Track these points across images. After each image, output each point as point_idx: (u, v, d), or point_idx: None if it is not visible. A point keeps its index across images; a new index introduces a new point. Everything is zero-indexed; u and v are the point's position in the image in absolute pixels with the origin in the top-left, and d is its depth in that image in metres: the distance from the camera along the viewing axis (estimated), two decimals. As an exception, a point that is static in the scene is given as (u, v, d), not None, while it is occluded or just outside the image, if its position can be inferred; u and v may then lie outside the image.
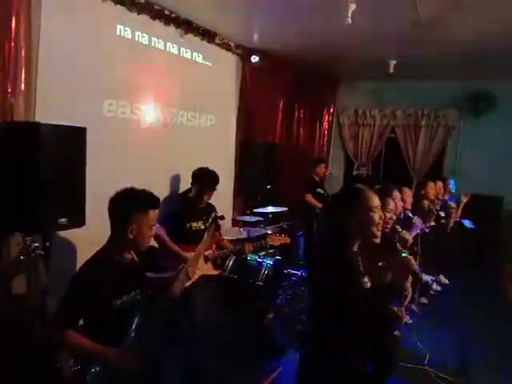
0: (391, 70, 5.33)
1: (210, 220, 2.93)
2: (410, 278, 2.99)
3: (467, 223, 5.44)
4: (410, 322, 4.19)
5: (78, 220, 2.56)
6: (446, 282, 5.65)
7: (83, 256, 1.99)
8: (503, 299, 5.14)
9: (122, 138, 3.68)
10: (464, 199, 5.36)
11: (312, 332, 1.94)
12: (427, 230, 4.03)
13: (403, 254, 1.80)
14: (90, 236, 2.47)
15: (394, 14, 3.62)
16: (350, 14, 3.31)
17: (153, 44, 3.88)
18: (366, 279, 1.85)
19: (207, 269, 3.10)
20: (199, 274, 2.91)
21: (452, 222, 5.24)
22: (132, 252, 1.93)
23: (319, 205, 5.37)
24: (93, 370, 1.69)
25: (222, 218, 3.10)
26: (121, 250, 1.86)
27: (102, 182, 3.29)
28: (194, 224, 3.20)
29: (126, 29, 3.57)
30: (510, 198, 6.30)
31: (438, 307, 4.82)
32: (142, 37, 3.75)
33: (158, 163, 4.04)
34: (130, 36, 3.62)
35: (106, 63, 3.42)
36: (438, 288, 5.46)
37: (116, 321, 1.77)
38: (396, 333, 3.86)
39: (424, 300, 4.89)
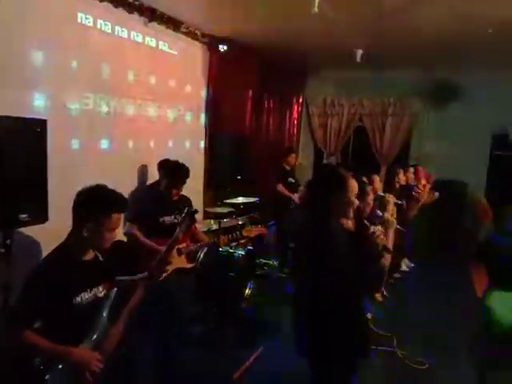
0: (358, 59, 5.38)
1: (184, 214, 2.87)
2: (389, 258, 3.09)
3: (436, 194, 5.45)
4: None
5: (41, 216, 2.47)
6: (411, 265, 5.85)
7: (47, 253, 1.92)
8: (465, 282, 5.37)
9: (86, 130, 3.56)
10: (425, 177, 5.51)
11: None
12: (400, 202, 4.11)
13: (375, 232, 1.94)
14: (54, 232, 2.38)
15: (358, 2, 3.64)
16: (316, 3, 3.32)
17: (116, 32, 3.75)
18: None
19: (181, 262, 3.06)
20: (172, 268, 2.87)
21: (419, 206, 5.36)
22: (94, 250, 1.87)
23: (290, 194, 5.41)
24: (54, 370, 1.64)
25: (196, 212, 3.05)
26: (80, 247, 1.80)
27: (66, 176, 3.21)
28: (167, 218, 3.13)
29: (88, 16, 3.44)
30: (473, 184, 6.55)
31: (404, 290, 4.99)
32: (105, 25, 3.62)
33: (124, 156, 3.95)
34: (91, 24, 3.49)
35: (67, 52, 3.29)
36: (406, 269, 5.66)
37: (77, 319, 1.72)
38: (368, 315, 3.99)
39: (390, 280, 5.04)
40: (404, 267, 5.64)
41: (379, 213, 3.05)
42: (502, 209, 3.25)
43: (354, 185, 2.00)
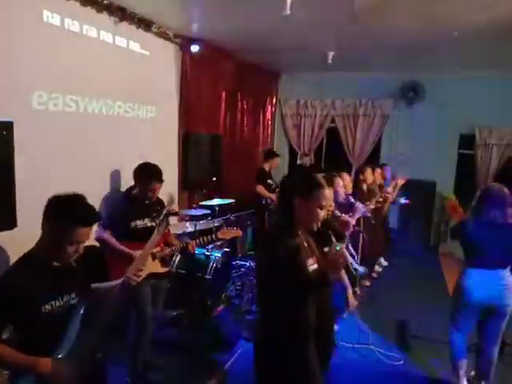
0: (330, 61, 5.46)
1: (162, 216, 2.79)
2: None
3: (401, 200, 5.72)
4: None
5: (8, 222, 2.38)
6: (386, 263, 5.97)
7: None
8: (438, 279, 5.54)
9: (55, 132, 3.46)
10: (400, 182, 5.64)
11: (262, 314, 2.01)
12: (369, 214, 4.20)
13: (337, 247, 1.82)
14: (23, 239, 2.29)
15: (330, 5, 3.68)
16: (288, 5, 3.35)
17: (85, 32, 3.66)
18: (311, 261, 1.92)
19: (155, 267, 3.00)
20: (146, 273, 2.81)
21: (388, 207, 5.50)
22: None
23: (270, 195, 5.43)
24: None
25: (176, 213, 2.99)
26: (49, 253, 1.73)
27: (35, 180, 3.11)
28: (139, 222, 3.05)
29: (54, 15, 3.34)
30: (442, 182, 6.76)
31: (379, 288, 5.08)
32: (73, 24, 3.52)
33: (96, 159, 3.85)
34: (58, 23, 3.39)
35: (33, 52, 3.18)
36: (380, 269, 5.77)
37: (47, 328, 1.65)
38: (335, 327, 4.02)
39: (367, 283, 5.13)
40: (378, 267, 5.74)
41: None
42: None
43: (326, 198, 1.89)
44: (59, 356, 1.66)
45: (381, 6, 3.61)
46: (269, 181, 5.60)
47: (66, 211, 1.67)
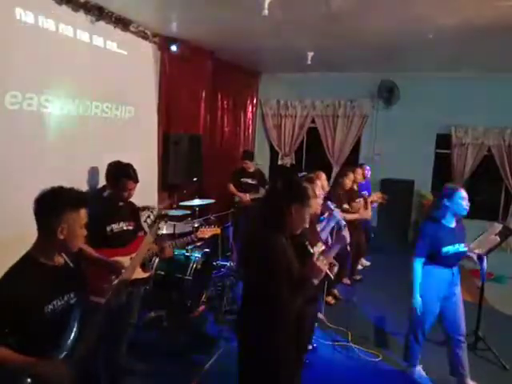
0: (309, 62, 5.50)
1: (150, 222, 2.61)
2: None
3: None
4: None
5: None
6: (367, 263, 6.05)
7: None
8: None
9: (30, 133, 3.39)
10: (378, 199, 5.68)
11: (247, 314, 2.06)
12: (344, 223, 4.21)
13: (321, 258, 1.92)
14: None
15: (307, 5, 3.71)
16: (266, 5, 3.36)
17: (60, 30, 3.59)
18: (296, 265, 1.98)
19: (136, 273, 2.79)
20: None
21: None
22: (64, 255, 1.81)
23: (239, 194, 5.44)
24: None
25: (165, 215, 2.88)
26: (49, 252, 1.74)
27: (8, 182, 3.04)
28: (115, 226, 2.91)
29: (28, 13, 3.27)
30: (420, 180, 6.90)
31: (357, 286, 5.15)
32: (47, 22, 3.46)
33: (73, 160, 3.79)
34: (32, 21, 3.32)
35: (5, 51, 3.10)
36: (361, 267, 5.85)
37: (48, 328, 1.64)
38: (320, 315, 4.07)
39: (347, 281, 5.19)
40: (360, 266, 5.82)
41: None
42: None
43: (313, 206, 2.04)
44: (59, 356, 1.64)
45: (355, 6, 3.65)
46: (246, 179, 5.61)
47: (67, 199, 1.71)
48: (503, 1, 3.32)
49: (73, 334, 1.71)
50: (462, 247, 3.01)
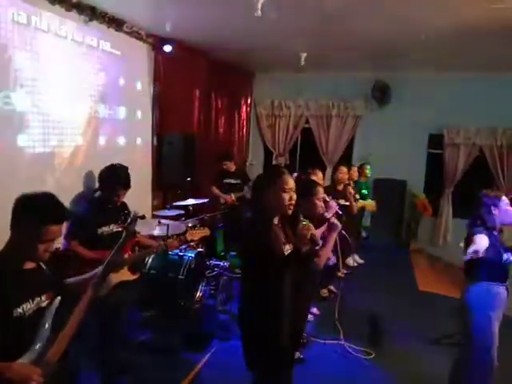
0: (302, 63, 5.53)
1: (129, 220, 2.66)
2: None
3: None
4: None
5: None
6: (361, 261, 6.09)
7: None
8: (408, 275, 5.69)
9: (22, 133, 3.39)
10: (372, 208, 5.70)
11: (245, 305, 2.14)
12: (340, 212, 4.25)
13: (303, 223, 1.98)
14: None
15: (300, 6, 3.73)
16: (259, 6, 3.37)
17: (53, 30, 3.59)
18: (287, 247, 2.07)
19: (124, 274, 2.80)
20: (115, 282, 2.70)
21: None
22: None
23: (221, 195, 5.46)
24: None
25: (143, 217, 2.89)
26: (18, 255, 1.69)
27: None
28: (106, 228, 2.92)
29: (21, 13, 3.27)
30: (412, 181, 6.95)
31: (351, 284, 5.17)
32: (40, 22, 3.45)
33: (67, 161, 3.79)
34: (25, 21, 3.32)
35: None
36: (355, 264, 5.89)
37: (17, 331, 1.62)
38: (314, 310, 4.11)
39: (341, 274, 5.21)
40: (352, 263, 5.86)
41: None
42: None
43: (287, 181, 2.03)
44: (28, 359, 1.63)
45: (348, 7, 3.68)
46: (229, 180, 5.62)
47: (35, 209, 1.64)
48: (495, 3, 3.36)
49: (45, 337, 1.68)
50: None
